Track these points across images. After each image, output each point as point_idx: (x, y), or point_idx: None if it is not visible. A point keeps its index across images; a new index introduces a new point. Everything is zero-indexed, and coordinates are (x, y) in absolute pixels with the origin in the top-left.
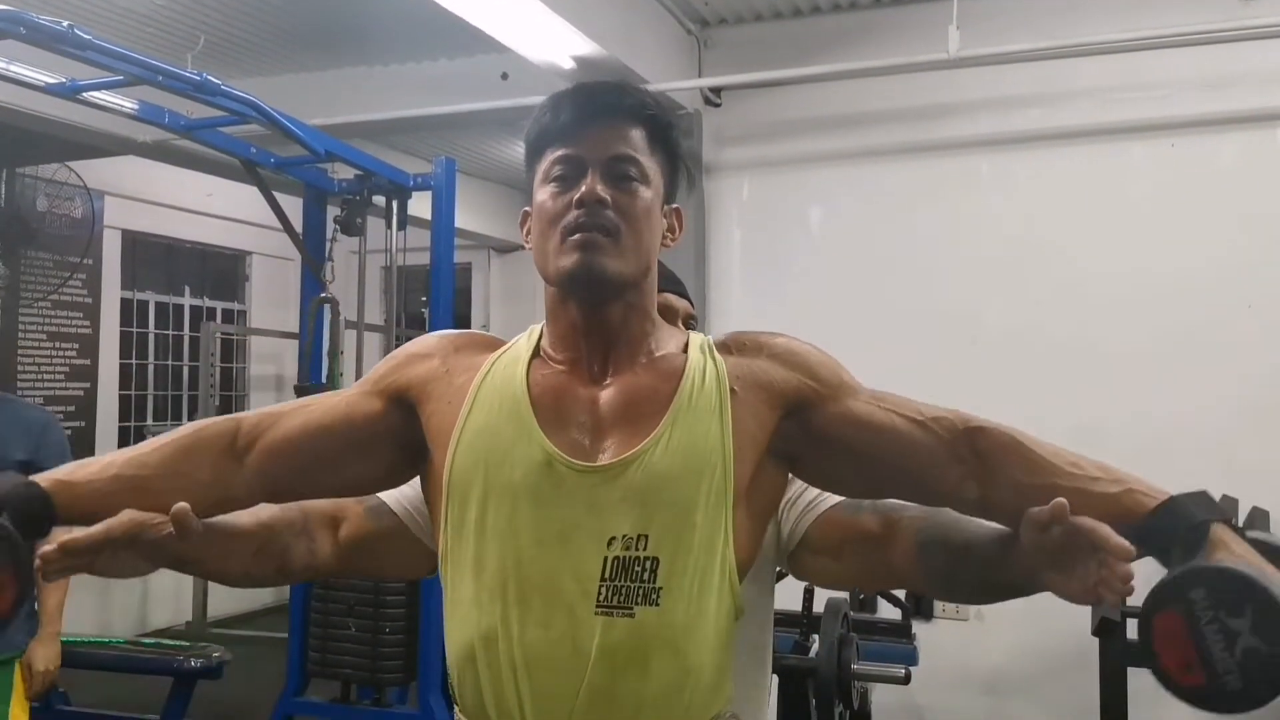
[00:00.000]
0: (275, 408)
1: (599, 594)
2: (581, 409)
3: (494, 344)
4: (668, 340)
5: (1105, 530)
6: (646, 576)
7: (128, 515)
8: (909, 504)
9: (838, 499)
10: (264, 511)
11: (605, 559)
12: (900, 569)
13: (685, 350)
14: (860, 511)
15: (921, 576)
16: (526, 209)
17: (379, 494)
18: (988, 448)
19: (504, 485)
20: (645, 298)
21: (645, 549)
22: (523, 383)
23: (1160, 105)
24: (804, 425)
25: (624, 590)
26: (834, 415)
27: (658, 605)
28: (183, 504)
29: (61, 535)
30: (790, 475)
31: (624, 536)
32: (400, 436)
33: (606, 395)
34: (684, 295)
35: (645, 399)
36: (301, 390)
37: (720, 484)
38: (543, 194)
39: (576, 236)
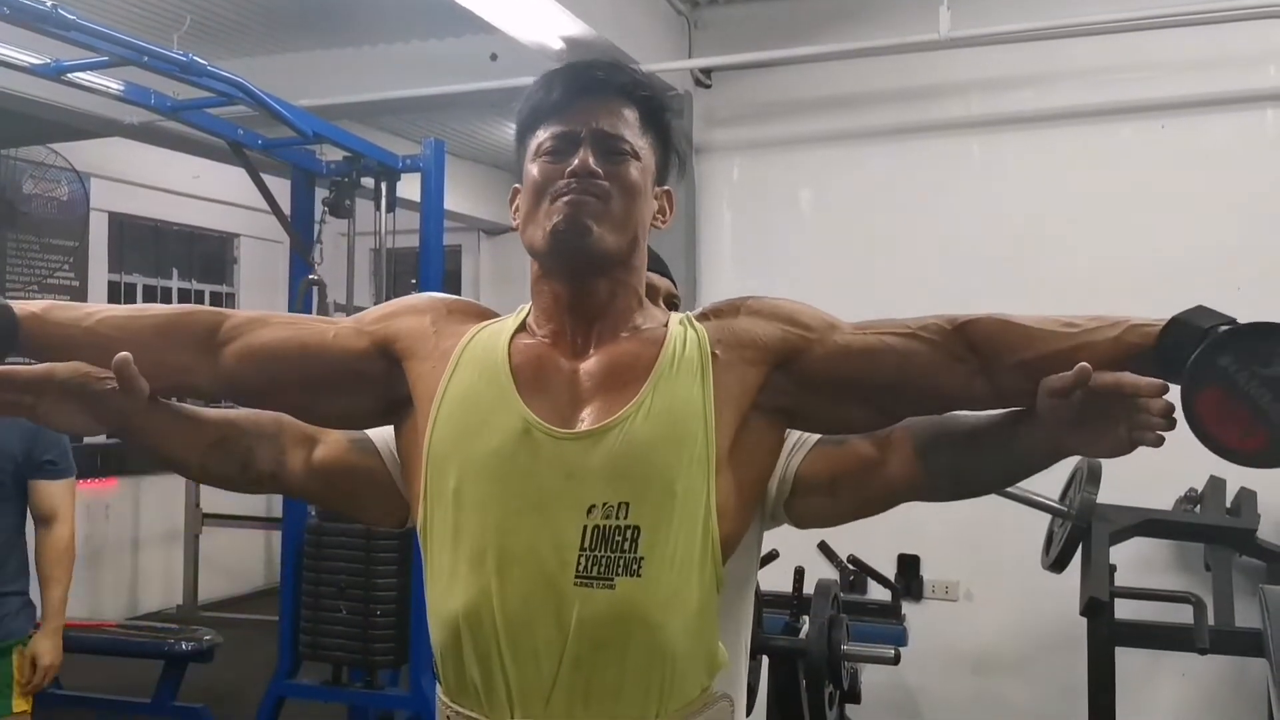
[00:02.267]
0: (264, 314)
1: (578, 564)
2: (562, 379)
3: (485, 314)
4: (652, 317)
5: (1131, 377)
6: (627, 546)
7: (73, 364)
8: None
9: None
10: (234, 411)
11: (585, 528)
12: (902, 482)
13: (667, 324)
14: (847, 441)
15: (926, 481)
16: (517, 185)
17: (366, 431)
18: (982, 337)
19: (482, 454)
20: (633, 275)
21: (626, 517)
22: (504, 351)
23: (1151, 86)
24: (796, 374)
25: (604, 560)
26: (825, 355)
27: (639, 576)
28: (124, 354)
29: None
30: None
31: (604, 504)
32: (377, 383)
33: (587, 366)
34: (666, 275)
35: (626, 367)
36: None
37: (702, 451)
38: (534, 167)
39: (566, 198)
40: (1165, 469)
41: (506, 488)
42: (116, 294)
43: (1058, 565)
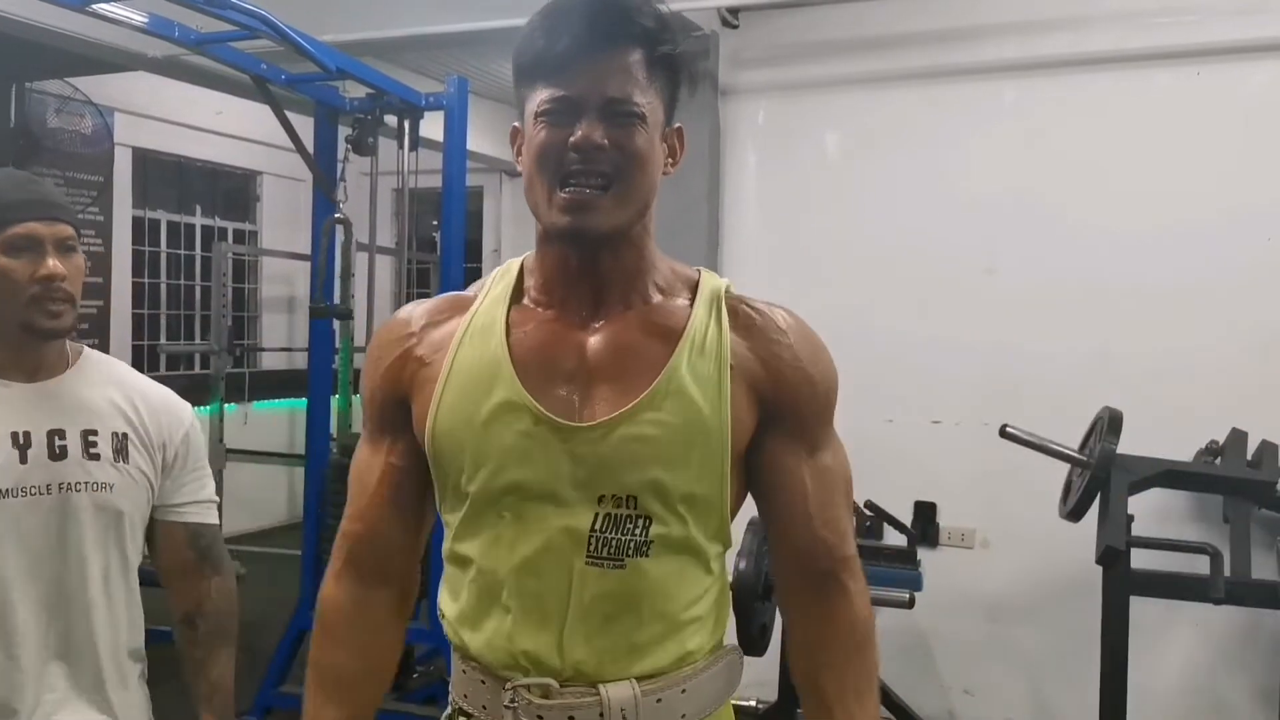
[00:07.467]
0: (354, 519)
1: (589, 545)
2: (569, 358)
3: (464, 303)
4: (672, 281)
5: None
6: (638, 531)
7: None
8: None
9: None
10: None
11: (596, 515)
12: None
13: (692, 300)
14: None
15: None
16: (516, 125)
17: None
18: (826, 605)
19: (492, 449)
20: (640, 238)
21: (636, 508)
22: (502, 342)
23: (1188, 31)
24: (758, 437)
25: (614, 543)
26: (774, 450)
27: (649, 556)
28: None
29: None
30: None
31: (613, 496)
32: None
33: (596, 343)
34: (66, 220)
35: (637, 354)
36: (317, 312)
37: (717, 452)
38: (534, 129)
39: (568, 192)
40: (1186, 420)
41: (518, 480)
42: (140, 230)
43: (1075, 514)
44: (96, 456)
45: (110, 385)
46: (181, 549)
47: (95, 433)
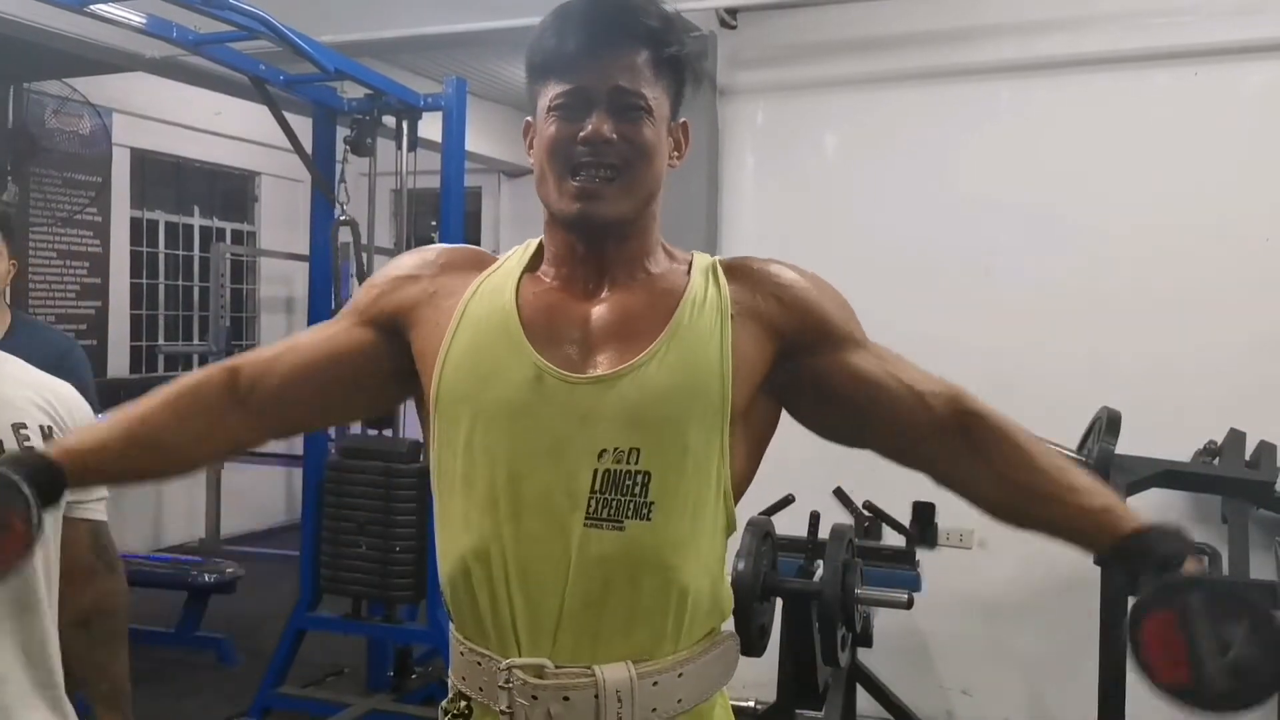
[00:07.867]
0: (270, 349)
1: (589, 506)
2: (574, 324)
3: (484, 261)
4: (667, 259)
5: None
6: (638, 491)
7: None
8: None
9: None
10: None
11: (595, 471)
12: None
13: (689, 270)
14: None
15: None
16: (529, 119)
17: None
18: (979, 434)
19: (494, 402)
20: (645, 227)
21: (637, 463)
22: (512, 301)
23: (1186, 31)
24: (800, 369)
25: (614, 504)
26: (833, 365)
27: (649, 520)
28: None
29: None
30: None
31: (615, 449)
32: (392, 364)
33: (600, 311)
34: None
35: (640, 316)
36: None
37: (717, 404)
38: (545, 122)
39: (578, 181)
40: (1184, 421)
41: (519, 434)
42: (139, 230)
43: None
44: (31, 450)
45: (20, 381)
46: (82, 547)
47: (25, 426)
